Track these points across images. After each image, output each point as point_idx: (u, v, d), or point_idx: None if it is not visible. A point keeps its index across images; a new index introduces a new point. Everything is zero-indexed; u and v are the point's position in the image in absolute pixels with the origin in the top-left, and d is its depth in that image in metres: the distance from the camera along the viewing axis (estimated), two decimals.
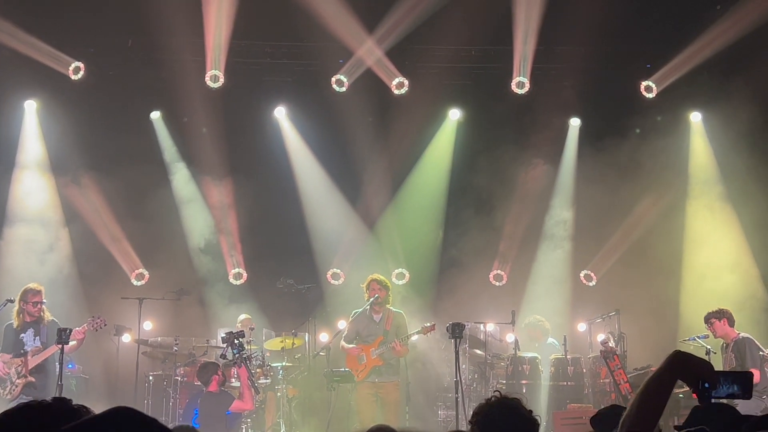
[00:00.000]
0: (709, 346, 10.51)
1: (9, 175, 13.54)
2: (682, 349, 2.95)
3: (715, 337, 10.56)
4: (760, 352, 10.29)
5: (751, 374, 3.21)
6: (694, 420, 3.95)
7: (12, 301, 10.35)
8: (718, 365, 10.44)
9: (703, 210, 14.06)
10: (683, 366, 2.89)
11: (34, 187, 13.76)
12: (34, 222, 13.56)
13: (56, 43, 13.44)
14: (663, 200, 14.01)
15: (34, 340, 10.21)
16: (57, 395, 9.05)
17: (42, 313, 10.28)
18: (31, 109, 13.91)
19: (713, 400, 2.96)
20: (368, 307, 11.13)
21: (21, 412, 2.60)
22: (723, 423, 3.87)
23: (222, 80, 13.77)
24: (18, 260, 13.06)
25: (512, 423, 3.86)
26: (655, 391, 2.87)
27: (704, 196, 14.11)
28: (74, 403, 2.74)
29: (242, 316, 12.99)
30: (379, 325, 11.10)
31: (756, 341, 10.38)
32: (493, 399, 3.99)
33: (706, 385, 2.85)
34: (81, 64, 13.78)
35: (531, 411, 3.95)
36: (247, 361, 10.60)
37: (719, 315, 10.51)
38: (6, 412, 2.63)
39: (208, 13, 12.89)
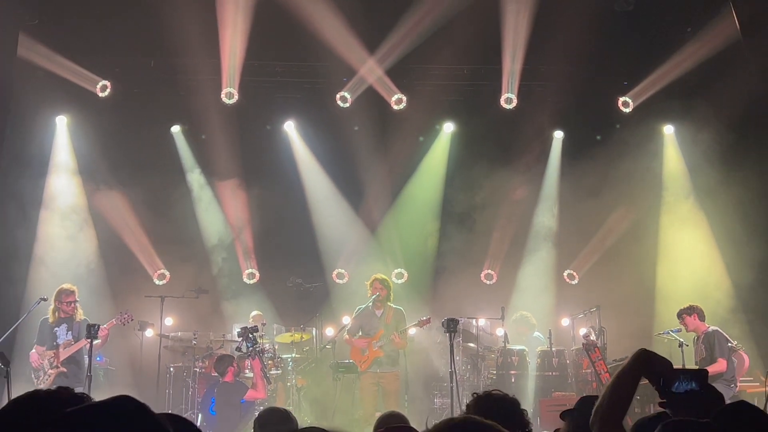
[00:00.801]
0: (681, 339, 10.57)
1: (42, 183, 13.52)
2: (647, 348, 3.05)
3: (687, 331, 10.61)
4: (728, 344, 10.34)
5: (706, 371, 3.28)
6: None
7: (45, 299, 10.42)
8: (690, 356, 10.52)
9: (675, 214, 14.12)
10: (646, 363, 3.00)
11: (64, 194, 13.75)
12: (65, 226, 13.57)
13: (85, 63, 13.49)
14: (639, 205, 14.06)
15: (67, 334, 10.29)
16: (86, 385, 9.15)
17: (75, 311, 10.35)
18: (62, 123, 13.94)
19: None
20: (370, 303, 11.23)
21: (30, 399, 2.65)
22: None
23: (236, 97, 13.82)
24: (50, 261, 13.08)
25: (506, 418, 3.74)
26: (623, 384, 2.99)
27: (676, 201, 14.18)
28: (100, 394, 2.78)
29: (254, 313, 13.04)
30: (381, 319, 11.18)
31: (725, 334, 10.43)
32: (494, 393, 4.00)
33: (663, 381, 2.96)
34: (108, 83, 13.83)
35: (525, 411, 3.93)
36: (261, 354, 10.66)
37: (690, 311, 10.57)
38: (17, 399, 2.68)
39: (224, 35, 12.92)
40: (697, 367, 10.01)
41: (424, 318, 11.28)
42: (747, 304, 12.60)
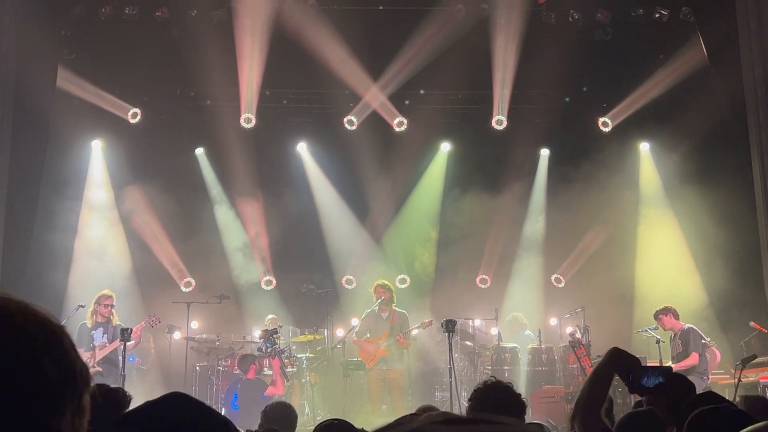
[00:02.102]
0: (658, 336, 10.56)
1: (79, 201, 13.55)
2: (627, 344, 3.08)
3: (665, 329, 10.59)
4: (702, 340, 10.33)
5: (670, 367, 3.33)
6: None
7: (83, 306, 10.45)
8: (666, 352, 10.50)
9: (651, 223, 14.10)
10: (617, 360, 3.04)
11: (99, 210, 13.79)
12: (100, 239, 13.61)
13: (117, 93, 13.55)
14: (619, 215, 14.05)
15: (102, 336, 10.31)
16: (121, 384, 9.17)
17: (111, 316, 10.38)
18: (97, 147, 13.98)
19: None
20: (377, 307, 11.24)
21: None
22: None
23: (254, 121, 13.83)
24: (87, 272, 13.09)
25: (504, 401, 3.78)
26: (599, 379, 3.03)
27: (652, 211, 14.17)
28: (133, 390, 2.78)
29: (269, 316, 13.00)
30: (386, 322, 11.20)
31: (699, 331, 10.41)
32: (489, 381, 3.95)
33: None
34: (138, 110, 13.88)
35: (520, 394, 3.86)
36: (280, 354, 10.66)
37: (665, 311, 10.55)
38: None
39: (242, 67, 12.97)
40: (666, 364, 10.02)
41: (427, 321, 11.30)
42: (717, 304, 12.57)
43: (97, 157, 13.98)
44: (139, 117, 13.88)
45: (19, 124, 11.02)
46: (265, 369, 11.27)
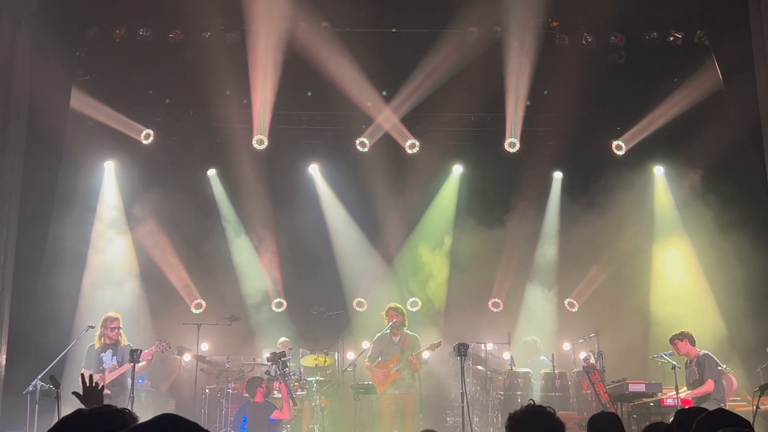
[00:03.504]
0: (674, 362, 10.40)
1: (91, 221, 13.55)
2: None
3: (680, 355, 10.45)
4: (719, 367, 10.18)
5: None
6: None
7: (93, 327, 10.40)
8: (682, 378, 10.35)
9: (665, 247, 14.00)
10: None
11: (111, 231, 13.79)
12: (111, 260, 13.60)
13: (131, 114, 13.62)
14: (633, 239, 13.95)
15: (112, 359, 10.25)
16: (130, 406, 9.10)
17: (119, 337, 10.33)
18: (110, 168, 14.03)
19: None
20: (388, 330, 11.17)
21: (75, 417, 2.64)
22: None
23: (266, 143, 13.86)
24: (99, 292, 13.07)
25: (544, 426, 3.65)
26: None
27: (666, 235, 14.06)
28: (142, 412, 2.75)
29: (282, 339, 12.97)
30: (397, 345, 11.13)
31: (715, 357, 10.26)
32: (528, 406, 3.80)
33: None
34: (151, 131, 13.95)
35: (559, 419, 3.72)
36: (285, 378, 10.58)
37: (681, 336, 10.42)
38: (63, 418, 2.67)
39: (255, 88, 13.00)
40: (682, 390, 9.87)
41: (435, 342, 11.23)
42: (733, 330, 12.42)
43: (109, 177, 14.02)
44: (151, 138, 13.95)
45: (32, 144, 11.07)
46: (275, 392, 11.20)
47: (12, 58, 10.78)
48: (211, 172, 14.57)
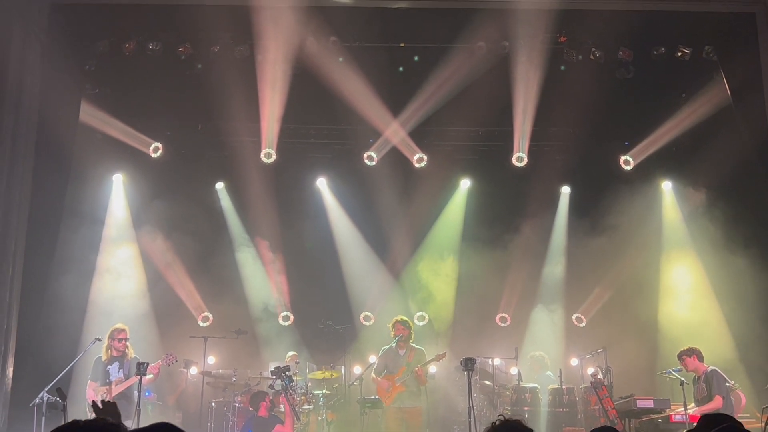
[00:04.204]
0: (682, 378, 10.34)
1: (100, 233, 13.60)
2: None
3: (688, 371, 10.38)
4: (726, 383, 10.11)
5: None
6: None
7: (100, 340, 10.41)
8: (690, 395, 10.28)
9: (673, 262, 13.94)
10: None
11: (119, 244, 13.83)
12: (119, 272, 13.61)
13: (139, 127, 13.68)
14: (641, 255, 13.89)
15: (118, 371, 10.25)
16: (136, 419, 9.08)
17: (126, 349, 10.33)
18: (118, 181, 14.08)
19: None
20: (394, 344, 11.16)
21: (70, 429, 2.68)
22: None
23: (274, 157, 13.89)
24: (106, 304, 13.10)
25: None
26: None
27: (674, 250, 14.01)
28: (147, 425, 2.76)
29: (290, 353, 12.93)
30: (403, 358, 11.12)
31: (723, 374, 10.19)
32: (497, 422, 3.88)
33: None
34: (159, 145, 14.01)
35: (531, 429, 3.82)
36: (287, 393, 10.53)
37: (689, 352, 10.36)
38: (60, 427, 2.71)
39: (263, 102, 13.04)
40: (690, 406, 9.80)
41: (440, 353, 11.23)
42: (741, 346, 12.34)
43: (117, 190, 14.07)
44: (160, 151, 14.00)
45: (41, 157, 11.14)
46: (280, 406, 11.17)
47: (22, 71, 10.86)
48: (219, 186, 14.60)
